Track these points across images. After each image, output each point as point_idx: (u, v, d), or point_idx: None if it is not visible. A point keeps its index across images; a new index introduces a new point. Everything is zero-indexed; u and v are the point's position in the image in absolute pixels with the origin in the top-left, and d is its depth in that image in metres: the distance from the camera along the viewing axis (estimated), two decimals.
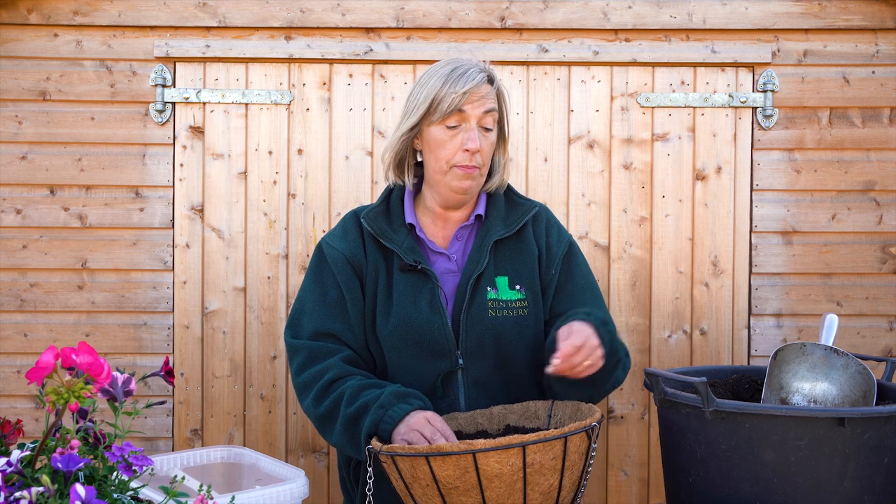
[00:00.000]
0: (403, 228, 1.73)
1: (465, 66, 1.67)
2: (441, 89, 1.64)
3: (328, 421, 1.62)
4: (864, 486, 1.50)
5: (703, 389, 1.52)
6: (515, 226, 1.74)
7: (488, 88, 1.68)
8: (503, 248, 1.74)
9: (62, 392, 0.97)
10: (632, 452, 2.63)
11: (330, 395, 1.62)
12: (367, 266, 1.72)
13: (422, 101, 1.67)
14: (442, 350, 1.67)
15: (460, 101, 1.63)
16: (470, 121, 1.65)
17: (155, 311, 2.59)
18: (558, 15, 2.58)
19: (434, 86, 1.65)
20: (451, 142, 1.66)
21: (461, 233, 1.76)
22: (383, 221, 1.73)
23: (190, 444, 2.58)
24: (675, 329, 2.61)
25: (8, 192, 2.57)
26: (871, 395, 1.71)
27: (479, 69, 1.68)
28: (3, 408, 2.56)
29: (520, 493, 1.36)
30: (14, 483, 0.98)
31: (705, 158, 2.61)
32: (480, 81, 1.65)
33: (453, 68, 1.67)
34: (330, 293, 1.71)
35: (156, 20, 2.56)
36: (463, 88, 1.63)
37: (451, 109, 1.63)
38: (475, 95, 1.65)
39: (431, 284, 1.68)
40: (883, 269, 2.61)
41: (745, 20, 2.58)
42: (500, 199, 1.78)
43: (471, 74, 1.65)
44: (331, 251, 1.73)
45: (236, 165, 2.59)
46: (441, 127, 1.66)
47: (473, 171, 1.67)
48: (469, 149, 1.64)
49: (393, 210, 1.76)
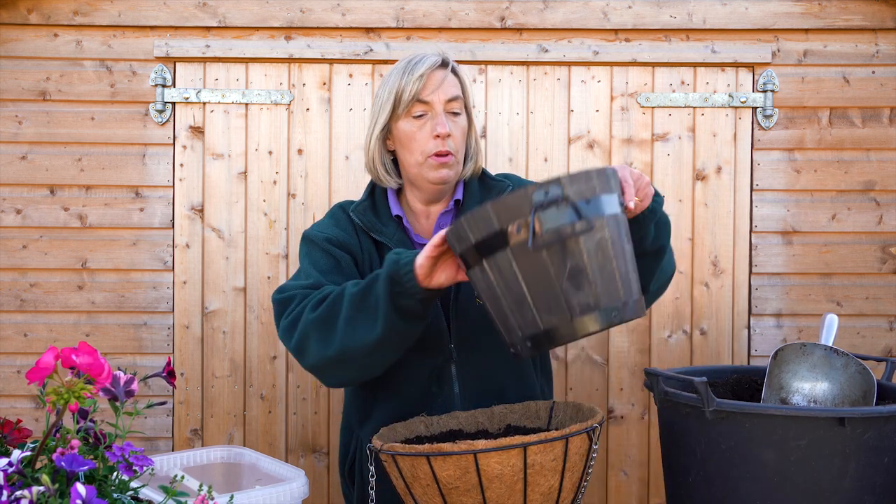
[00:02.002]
0: (392, 221, 1.73)
1: (420, 55, 1.68)
2: (400, 81, 1.65)
3: (329, 318, 1.50)
4: (864, 486, 1.50)
5: (703, 389, 1.52)
6: None
7: (444, 72, 1.67)
8: None
9: (62, 392, 0.97)
10: (632, 452, 2.63)
11: (328, 298, 1.52)
12: (363, 255, 1.71)
13: (385, 99, 1.67)
14: (435, 343, 1.66)
15: (419, 85, 1.63)
16: (435, 107, 1.65)
17: (155, 311, 2.59)
18: (558, 15, 2.58)
19: (394, 82, 1.66)
20: (420, 132, 1.65)
21: (442, 220, 1.76)
22: (372, 215, 1.73)
23: (190, 444, 2.58)
24: (675, 329, 2.61)
25: (8, 192, 2.57)
26: (871, 395, 1.71)
27: (434, 55, 1.68)
28: (3, 408, 2.55)
29: (520, 493, 1.36)
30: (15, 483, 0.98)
31: (705, 158, 2.61)
32: (434, 64, 1.65)
33: (408, 60, 1.68)
34: (320, 262, 1.67)
35: (156, 20, 2.56)
36: (418, 72, 1.63)
37: (412, 97, 1.63)
38: (433, 80, 1.64)
39: None
40: (883, 269, 2.61)
41: (745, 20, 2.58)
42: (474, 184, 1.78)
43: (425, 60, 1.66)
44: (320, 235, 1.71)
45: (236, 165, 2.59)
46: (408, 119, 1.66)
47: (448, 158, 1.65)
48: (439, 134, 1.64)
49: (379, 204, 1.75)
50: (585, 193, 1.27)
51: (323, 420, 2.60)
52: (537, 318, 1.29)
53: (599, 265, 1.27)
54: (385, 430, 1.58)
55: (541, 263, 1.27)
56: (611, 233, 1.29)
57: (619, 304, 1.29)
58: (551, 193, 1.25)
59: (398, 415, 1.65)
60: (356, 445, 1.75)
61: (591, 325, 1.27)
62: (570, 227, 1.25)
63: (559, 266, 1.26)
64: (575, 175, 1.28)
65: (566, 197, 1.26)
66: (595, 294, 1.27)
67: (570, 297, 1.27)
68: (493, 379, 1.72)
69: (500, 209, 1.28)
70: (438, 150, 1.64)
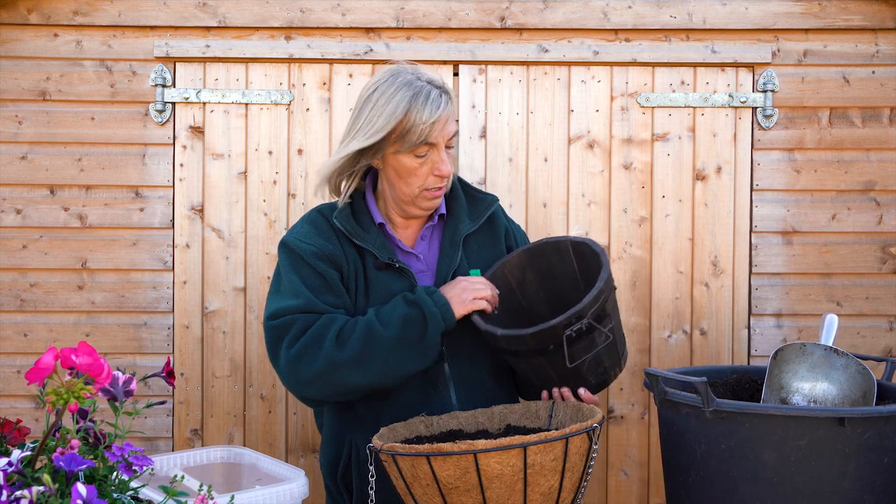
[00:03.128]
0: (374, 227, 1.72)
1: (426, 90, 1.61)
2: (407, 118, 1.60)
3: (365, 356, 1.59)
4: (864, 485, 1.50)
5: (703, 389, 1.52)
6: (480, 219, 1.78)
7: (448, 108, 1.65)
8: (471, 242, 1.78)
9: (62, 392, 0.97)
10: (632, 452, 2.63)
11: (354, 332, 1.59)
12: (348, 265, 1.70)
13: (380, 125, 1.61)
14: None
15: (430, 132, 1.61)
16: (439, 147, 1.64)
17: (155, 311, 2.59)
18: (558, 15, 2.58)
19: (396, 113, 1.60)
20: (421, 169, 1.65)
21: (424, 233, 1.78)
22: (353, 221, 1.72)
23: (190, 444, 2.58)
24: (675, 329, 2.61)
25: (8, 192, 2.57)
26: (871, 395, 1.71)
27: (440, 91, 1.64)
28: (3, 408, 2.55)
29: (520, 493, 1.36)
30: (14, 482, 0.98)
31: (705, 158, 2.61)
32: (445, 106, 1.63)
33: (416, 91, 1.60)
34: (309, 280, 1.66)
35: (156, 20, 2.56)
36: (431, 119, 1.60)
37: (420, 141, 1.61)
38: (442, 122, 1.63)
39: (408, 282, 1.69)
40: (883, 269, 2.61)
41: (745, 20, 2.58)
42: (460, 194, 1.80)
43: (433, 100, 1.61)
44: (306, 247, 1.68)
45: (236, 165, 2.59)
46: (410, 156, 1.64)
47: (442, 191, 1.69)
48: (443, 174, 1.65)
49: (358, 210, 1.74)
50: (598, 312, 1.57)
51: None
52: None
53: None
54: (385, 430, 1.58)
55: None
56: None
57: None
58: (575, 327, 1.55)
59: (397, 417, 1.65)
60: (349, 449, 1.74)
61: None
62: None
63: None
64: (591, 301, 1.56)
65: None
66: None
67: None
68: (486, 378, 1.75)
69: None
70: (438, 186, 1.67)
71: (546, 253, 1.79)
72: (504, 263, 1.78)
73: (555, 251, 1.78)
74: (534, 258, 1.79)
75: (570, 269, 1.77)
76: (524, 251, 1.79)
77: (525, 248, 1.80)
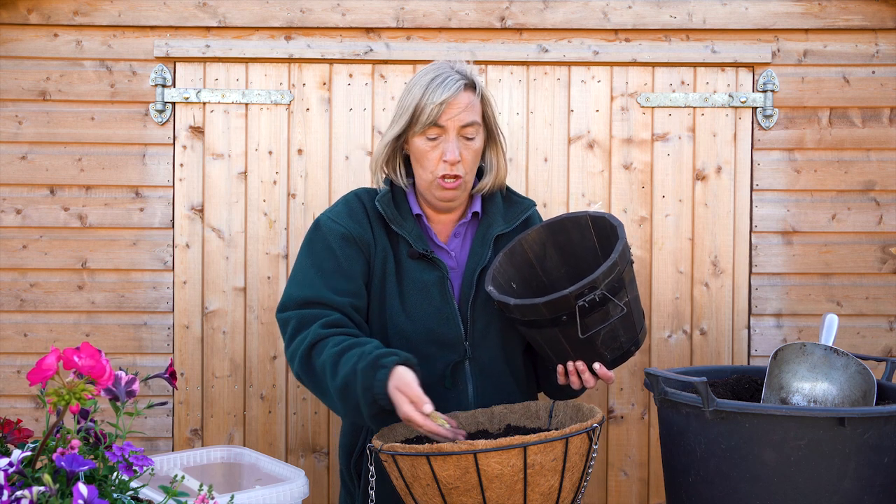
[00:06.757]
0: (411, 217, 1.76)
1: (445, 74, 1.67)
2: (421, 99, 1.66)
3: (320, 390, 1.63)
4: (864, 486, 1.50)
5: (703, 389, 1.52)
6: (515, 221, 1.80)
7: (469, 97, 1.68)
8: (502, 243, 1.79)
9: (63, 393, 0.97)
10: (632, 452, 2.63)
11: (319, 358, 1.59)
12: (376, 248, 1.73)
13: (405, 109, 1.69)
14: (452, 340, 1.71)
15: (438, 112, 1.64)
16: (449, 132, 1.67)
17: (155, 311, 2.59)
18: (558, 15, 2.58)
19: (416, 95, 1.67)
20: (432, 153, 1.68)
21: (458, 230, 1.80)
22: (394, 207, 1.75)
23: (190, 444, 2.58)
24: (675, 329, 2.61)
25: (8, 192, 2.57)
26: (871, 395, 1.71)
27: (459, 76, 1.68)
28: (3, 408, 2.55)
29: (520, 493, 1.36)
30: (15, 483, 0.98)
31: (705, 158, 2.61)
32: (458, 90, 1.66)
33: (433, 77, 1.67)
34: (324, 263, 1.70)
35: (156, 20, 2.56)
36: (440, 99, 1.64)
37: (429, 121, 1.65)
38: (453, 107, 1.65)
39: (441, 274, 1.72)
40: (883, 269, 2.61)
41: (745, 20, 2.58)
42: (498, 197, 1.82)
43: (448, 83, 1.66)
44: (335, 226, 1.73)
45: (236, 165, 2.59)
46: (423, 139, 1.68)
47: (455, 182, 1.69)
48: (448, 160, 1.66)
49: (399, 199, 1.78)
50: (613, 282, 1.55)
51: (323, 420, 2.60)
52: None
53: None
54: (385, 430, 1.58)
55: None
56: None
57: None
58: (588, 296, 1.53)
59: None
60: (364, 437, 1.77)
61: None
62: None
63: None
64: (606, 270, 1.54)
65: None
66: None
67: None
68: (505, 375, 1.77)
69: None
70: (446, 174, 1.68)
71: (566, 228, 1.77)
72: (523, 239, 1.77)
73: (574, 226, 1.77)
74: (553, 233, 1.78)
75: (591, 244, 1.75)
76: (543, 226, 1.79)
77: (545, 224, 1.79)
